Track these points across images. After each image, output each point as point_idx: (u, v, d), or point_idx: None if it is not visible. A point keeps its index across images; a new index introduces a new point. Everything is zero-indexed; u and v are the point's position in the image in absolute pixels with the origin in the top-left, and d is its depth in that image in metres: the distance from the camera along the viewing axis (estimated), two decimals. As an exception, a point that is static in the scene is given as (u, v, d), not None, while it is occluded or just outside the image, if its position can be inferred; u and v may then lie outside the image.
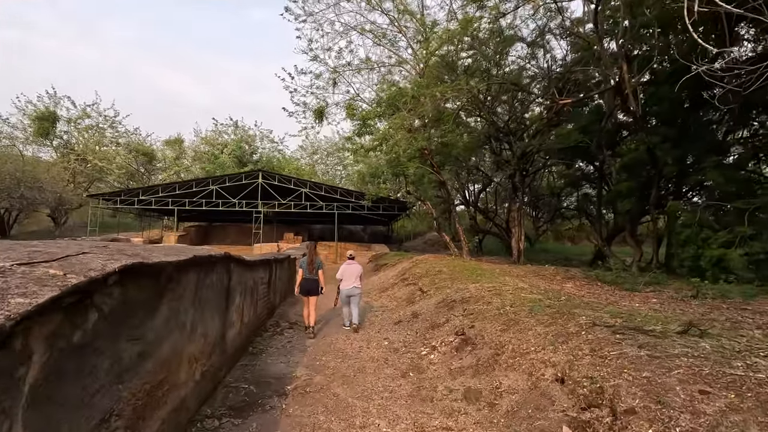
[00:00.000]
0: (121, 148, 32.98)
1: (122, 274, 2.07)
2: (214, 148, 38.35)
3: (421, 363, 5.19)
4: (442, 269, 10.44)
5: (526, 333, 4.58)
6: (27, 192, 25.05)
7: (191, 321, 3.25)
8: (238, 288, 4.91)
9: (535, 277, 9.56)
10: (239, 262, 4.82)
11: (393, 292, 10.64)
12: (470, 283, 8.33)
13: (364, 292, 11.98)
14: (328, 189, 25.51)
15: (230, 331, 4.63)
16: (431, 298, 8.17)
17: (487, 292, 7.20)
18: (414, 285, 10.14)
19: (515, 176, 13.01)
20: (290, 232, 31.33)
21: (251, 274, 5.72)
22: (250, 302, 5.74)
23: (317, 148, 43.52)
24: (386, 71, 14.95)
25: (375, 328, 7.17)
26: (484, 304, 6.44)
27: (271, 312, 7.81)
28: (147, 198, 23.73)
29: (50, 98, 28.94)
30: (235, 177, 24.65)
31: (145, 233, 29.81)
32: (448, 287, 8.51)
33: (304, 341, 6.36)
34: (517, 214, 13.32)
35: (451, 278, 9.18)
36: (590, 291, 7.91)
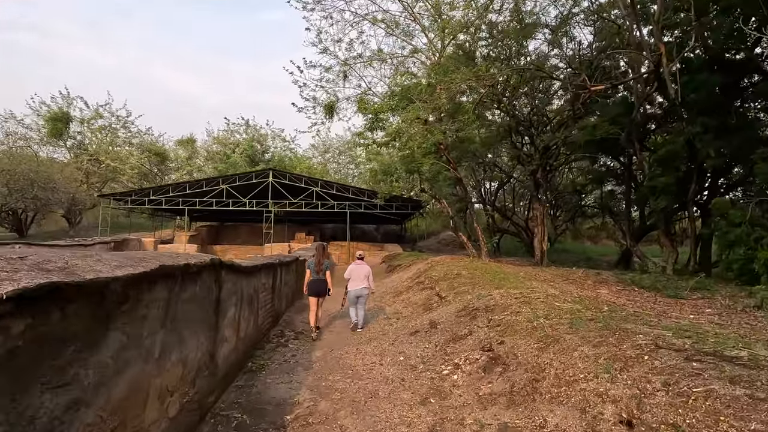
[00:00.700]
0: (133, 148, 32.98)
1: (23, 302, 1.42)
2: (226, 148, 38.20)
3: (443, 385, 4.48)
4: (460, 272, 9.69)
5: (570, 354, 3.83)
6: (40, 192, 25.12)
7: (161, 346, 2.61)
8: (232, 298, 4.27)
9: (563, 281, 8.74)
10: (232, 269, 4.18)
11: (408, 296, 9.93)
12: (493, 288, 7.57)
13: (376, 296, 11.33)
14: (339, 188, 24.92)
15: (222, 349, 4.00)
16: (450, 305, 7.44)
17: (514, 299, 6.44)
18: (431, 289, 9.42)
19: (537, 172, 12.16)
20: (302, 231, 30.86)
21: (249, 281, 5.09)
22: (249, 313, 5.11)
23: (329, 146, 43.06)
24: (399, 63, 14.23)
25: (389, 339, 6.48)
26: (513, 314, 5.69)
27: (275, 320, 7.19)
28: (157, 198, 23.50)
29: (63, 99, 29.06)
30: (246, 176, 24.26)
31: (157, 233, 29.70)
32: (468, 293, 7.77)
33: (310, 355, 5.70)
34: (539, 213, 12.47)
35: (471, 282, 8.43)
36: (630, 298, 7.07)
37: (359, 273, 7.21)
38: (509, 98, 11.72)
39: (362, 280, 7.14)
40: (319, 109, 15.89)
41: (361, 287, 7.09)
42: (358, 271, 7.24)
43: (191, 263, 2.89)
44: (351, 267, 7.36)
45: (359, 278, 7.15)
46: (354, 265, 7.37)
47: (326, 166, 42.15)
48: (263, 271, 5.98)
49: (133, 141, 33.59)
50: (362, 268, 7.27)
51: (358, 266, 7.33)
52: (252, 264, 5.10)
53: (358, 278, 7.15)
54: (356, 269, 7.28)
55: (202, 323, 3.42)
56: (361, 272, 7.22)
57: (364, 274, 7.21)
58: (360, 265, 7.34)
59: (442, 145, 12.10)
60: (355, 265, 7.36)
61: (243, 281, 4.71)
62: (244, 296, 4.77)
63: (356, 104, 14.13)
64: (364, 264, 7.41)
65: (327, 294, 7.05)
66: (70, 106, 29.32)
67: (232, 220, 34.59)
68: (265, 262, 5.93)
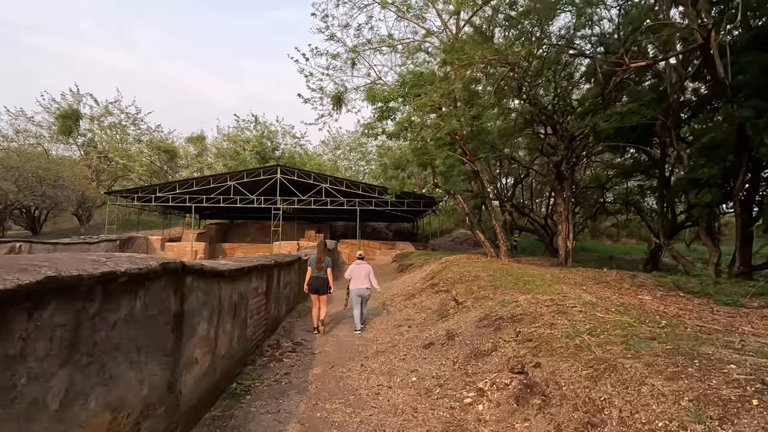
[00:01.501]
0: (143, 145, 32.74)
1: None
2: (236, 145, 37.79)
3: (466, 419, 3.60)
4: (479, 274, 8.77)
5: (636, 389, 2.91)
6: (49, 190, 24.96)
7: (64, 392, 1.80)
8: (205, 311, 3.46)
9: (597, 285, 7.75)
10: (204, 274, 3.37)
11: (420, 300, 9.06)
12: (518, 293, 6.65)
13: (386, 298, 10.50)
14: (349, 184, 24.14)
15: (189, 375, 3.20)
16: (469, 312, 6.55)
17: (545, 307, 5.52)
18: (446, 293, 8.52)
19: (561, 164, 11.13)
20: (311, 229, 30.20)
21: (233, 286, 4.29)
22: (233, 325, 4.31)
23: (339, 143, 42.33)
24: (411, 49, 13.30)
25: (399, 352, 5.62)
26: (546, 326, 4.77)
27: (272, 328, 6.40)
28: (164, 195, 23.06)
29: (73, 96, 28.90)
30: (253, 172, 23.66)
31: (166, 231, 29.40)
32: (490, 298, 6.86)
33: (306, 373, 4.88)
34: (563, 208, 11.44)
35: (492, 286, 7.51)
36: (681, 307, 6.07)
37: (360, 272, 7.24)
38: (530, 84, 10.69)
39: (363, 279, 7.19)
40: (327, 100, 15.12)
41: (363, 287, 7.15)
42: (359, 270, 7.28)
43: (119, 270, 2.07)
44: (351, 267, 7.42)
45: (360, 278, 7.19)
46: (354, 265, 7.41)
47: (337, 163, 41.42)
48: (254, 274, 5.18)
49: (143, 138, 33.35)
50: (363, 268, 7.32)
51: (359, 266, 7.37)
52: (236, 266, 4.29)
53: (359, 278, 7.19)
54: (357, 269, 7.31)
55: (153, 348, 2.61)
56: (362, 272, 7.26)
57: (365, 273, 7.24)
58: (360, 265, 7.38)
59: (457, 135, 11.16)
60: (355, 265, 7.40)
61: (222, 288, 3.90)
62: (224, 306, 3.97)
63: (365, 94, 13.27)
64: (364, 263, 7.47)
65: (328, 291, 7.09)
66: (79, 103, 29.17)
67: (241, 217, 34.18)
68: (255, 264, 5.13)
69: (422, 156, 10.83)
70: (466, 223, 13.34)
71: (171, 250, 23.66)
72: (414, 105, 10.17)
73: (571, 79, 12.64)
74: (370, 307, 9.02)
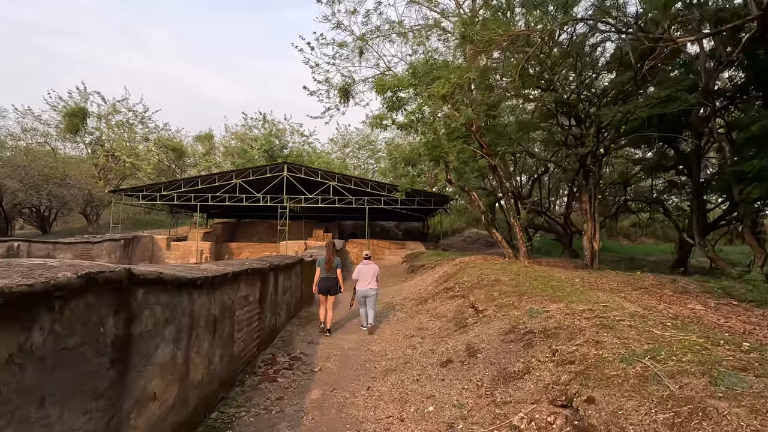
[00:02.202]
0: (151, 143, 32.44)
1: None
2: (244, 143, 37.34)
3: (501, 471, 2.81)
4: (499, 277, 7.94)
5: (748, 450, 2.09)
6: (55, 189, 24.71)
7: None
8: (167, 330, 2.72)
9: (635, 291, 6.86)
10: (165, 285, 2.63)
11: (434, 306, 8.26)
12: (548, 301, 5.82)
13: (397, 303, 9.74)
14: (358, 182, 23.41)
15: (141, 418, 2.46)
16: (492, 323, 5.73)
17: (585, 319, 4.69)
18: (462, 298, 7.71)
19: (587, 158, 10.21)
20: (319, 228, 29.58)
21: (213, 297, 3.55)
22: (212, 343, 3.57)
23: (348, 140, 41.67)
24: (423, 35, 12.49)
25: (412, 371, 4.84)
26: (590, 344, 3.95)
27: (268, 339, 5.66)
28: (169, 193, 22.60)
29: (80, 94, 28.66)
30: (260, 170, 23.07)
31: (173, 230, 29.02)
32: (514, 306, 6.03)
33: (303, 398, 4.12)
34: (589, 206, 10.52)
35: (516, 292, 6.68)
36: (744, 320, 5.17)
37: (367, 273, 7.14)
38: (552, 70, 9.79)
39: (371, 280, 7.10)
40: (334, 92, 14.40)
41: (370, 287, 7.06)
42: (366, 271, 7.17)
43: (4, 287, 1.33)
44: (359, 267, 7.29)
45: (367, 278, 7.10)
46: (362, 266, 7.28)
47: (345, 161, 40.75)
48: (243, 281, 4.44)
49: (150, 137, 33.05)
50: (370, 268, 7.20)
51: (366, 266, 7.24)
52: (216, 273, 3.55)
53: (366, 278, 7.10)
54: (364, 269, 7.20)
55: (74, 392, 1.87)
56: (369, 272, 7.15)
57: (372, 273, 7.15)
58: (367, 265, 7.25)
59: (473, 126, 10.32)
60: (362, 266, 7.27)
61: (196, 300, 3.16)
62: (199, 322, 3.23)
63: (374, 86, 12.49)
64: (371, 263, 7.34)
65: (338, 292, 7.04)
66: (86, 101, 28.92)
67: (249, 216, 33.72)
68: (244, 268, 4.39)
69: (435, 150, 10.02)
70: (482, 222, 12.48)
71: (176, 249, 23.22)
72: (426, 93, 9.37)
73: (595, 67, 11.69)
74: (378, 311, 8.42)
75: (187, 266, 3.76)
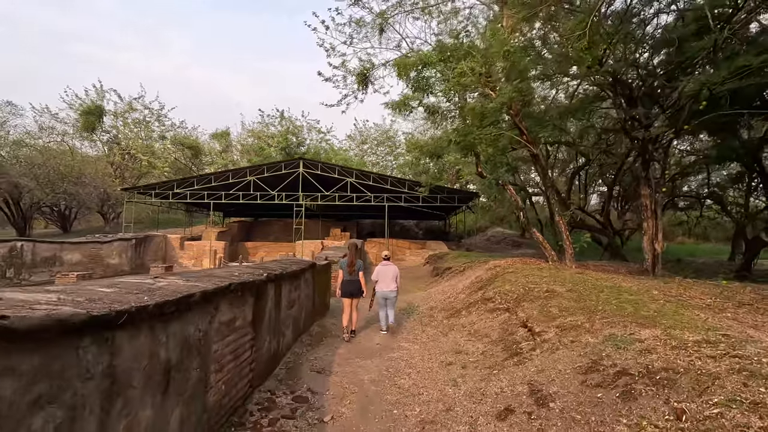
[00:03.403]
0: (167, 141, 32.01)
1: None
2: (261, 141, 36.65)
3: None
4: (552, 287, 6.49)
5: None
6: (70, 187, 24.36)
7: None
8: (47, 412, 1.47)
9: (738, 307, 5.32)
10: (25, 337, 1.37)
11: (471, 320, 6.88)
12: (634, 323, 4.37)
13: (424, 313, 8.46)
14: (376, 178, 22.14)
15: None
16: (558, 353, 4.34)
17: (708, 358, 3.25)
18: (508, 313, 6.31)
19: (649, 144, 8.61)
20: (337, 227, 28.48)
21: (165, 334, 2.30)
22: (165, 402, 2.32)
23: (366, 137, 40.48)
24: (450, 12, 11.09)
25: (458, 425, 3.50)
26: (748, 408, 2.53)
27: (265, 371, 4.41)
28: (182, 191, 21.85)
29: (97, 92, 28.35)
30: (274, 166, 22.07)
31: (188, 230, 28.44)
32: (585, 329, 4.61)
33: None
34: (650, 201, 8.92)
35: (582, 308, 5.24)
36: None
37: (387, 274, 6.96)
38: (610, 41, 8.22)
39: (390, 281, 6.93)
40: (351, 78, 13.14)
41: (390, 289, 6.90)
42: (386, 272, 6.98)
43: None
44: (378, 268, 7.08)
45: (387, 280, 6.93)
46: (381, 266, 7.07)
47: (364, 158, 39.57)
48: (224, 302, 3.20)
49: (167, 134, 32.62)
50: (390, 269, 7.01)
51: (385, 267, 7.04)
52: (169, 297, 2.30)
53: (385, 280, 6.93)
54: (384, 270, 7.00)
55: None
56: (389, 273, 6.97)
57: (391, 275, 6.97)
58: (387, 266, 7.05)
59: (512, 109, 8.87)
60: (382, 266, 7.06)
61: (119, 349, 1.91)
62: (130, 380, 1.98)
63: (396, 69, 11.17)
64: (391, 264, 7.13)
65: (361, 295, 6.86)
66: (103, 99, 28.60)
67: (265, 215, 32.95)
68: (223, 285, 3.14)
69: (467, 137, 8.63)
70: (520, 219, 10.99)
71: (190, 249, 22.50)
72: (458, 70, 7.98)
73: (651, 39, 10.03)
74: (404, 325, 7.56)
75: (128, 283, 2.53)
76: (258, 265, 5.04)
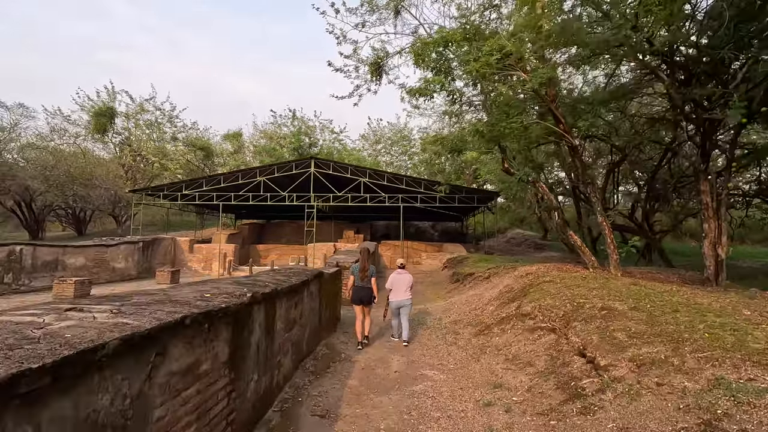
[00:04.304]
0: (179, 143, 31.61)
1: None
2: (273, 142, 36.03)
3: None
4: (608, 303, 5.31)
5: None
6: (80, 189, 24.02)
7: None
8: None
9: None
10: None
11: (506, 340, 5.75)
12: (748, 362, 3.22)
13: (447, 328, 7.40)
14: (391, 177, 21.11)
15: None
16: (642, 401, 3.20)
17: None
18: (554, 334, 5.17)
19: (716, 131, 7.35)
20: (350, 229, 27.53)
21: (58, 412, 1.28)
22: None
23: (380, 136, 39.49)
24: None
25: None
26: None
27: (249, 420, 3.40)
28: (190, 192, 21.20)
29: (108, 93, 28.06)
30: (285, 166, 21.24)
31: (199, 232, 27.91)
32: (673, 366, 3.46)
33: None
34: (710, 199, 7.63)
35: (658, 334, 4.08)
36: None
37: (401, 283, 6.76)
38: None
39: (405, 290, 6.71)
40: (364, 68, 12.18)
41: (404, 298, 6.68)
42: (400, 280, 6.78)
43: None
44: (392, 277, 6.86)
45: (401, 288, 6.72)
46: (395, 275, 6.85)
47: (377, 158, 38.56)
48: (175, 344, 2.19)
49: (179, 136, 32.23)
50: (404, 278, 6.80)
51: (400, 275, 6.83)
52: (68, 352, 1.28)
53: (400, 288, 6.72)
54: (398, 279, 6.79)
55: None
56: (403, 282, 6.77)
57: (406, 283, 6.76)
58: (402, 275, 6.84)
59: (547, 93, 7.73)
60: (396, 275, 6.85)
61: None
62: None
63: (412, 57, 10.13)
64: (405, 273, 6.90)
65: (372, 303, 6.64)
66: (114, 100, 28.28)
67: (277, 217, 32.25)
68: (179, 317, 2.14)
69: (495, 127, 7.50)
70: (556, 220, 9.77)
71: (199, 252, 21.83)
72: (486, 48, 6.88)
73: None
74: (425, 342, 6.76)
75: None
76: (247, 279, 4.03)
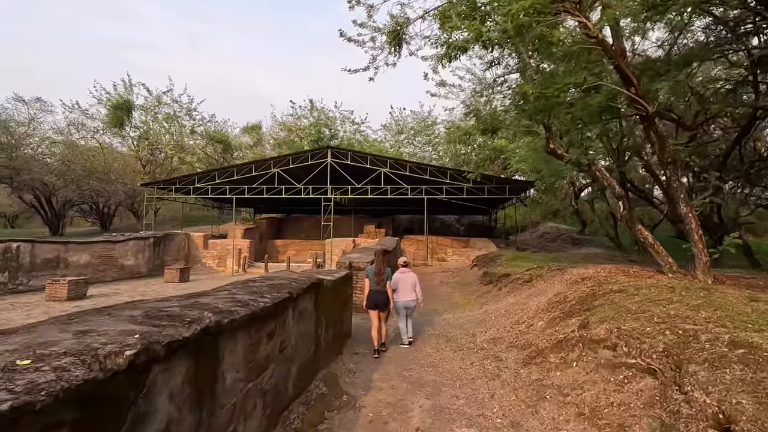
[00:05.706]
0: (197, 136, 30.98)
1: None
2: (292, 134, 34.98)
3: None
4: (742, 336, 3.56)
5: None
6: (96, 184, 23.58)
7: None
8: None
9: None
10: None
11: (572, 379, 4.10)
12: None
13: (485, 347, 5.80)
14: (414, 167, 19.47)
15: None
16: None
17: None
18: (653, 378, 3.49)
19: None
20: (371, 223, 26.06)
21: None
22: None
23: (403, 126, 37.76)
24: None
25: None
26: None
27: None
28: (203, 185, 20.24)
29: (125, 87, 27.59)
30: (300, 157, 19.95)
31: (216, 227, 27.12)
32: None
33: None
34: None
35: None
36: None
37: (406, 282, 6.49)
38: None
39: (410, 290, 6.46)
40: (382, 38, 10.62)
41: (410, 298, 6.44)
42: (405, 280, 6.50)
43: None
44: (396, 276, 6.49)
45: (406, 288, 6.46)
46: (399, 274, 6.53)
47: (400, 149, 36.88)
48: None
49: (197, 129, 31.61)
50: (408, 277, 6.51)
51: (404, 275, 6.52)
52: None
53: (405, 288, 6.46)
54: (402, 278, 6.50)
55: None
56: (408, 281, 6.49)
57: (410, 283, 6.49)
58: (405, 274, 6.53)
59: (615, 47, 5.90)
60: (399, 274, 6.53)
61: None
62: None
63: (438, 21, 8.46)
64: (409, 272, 6.58)
65: (388, 308, 6.30)
66: (131, 93, 27.81)
67: (296, 211, 31.21)
68: None
69: (549, 89, 5.75)
70: (621, 211, 7.88)
71: (214, 248, 20.93)
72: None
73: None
74: (458, 376, 4.59)
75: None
76: (172, 303, 2.52)
